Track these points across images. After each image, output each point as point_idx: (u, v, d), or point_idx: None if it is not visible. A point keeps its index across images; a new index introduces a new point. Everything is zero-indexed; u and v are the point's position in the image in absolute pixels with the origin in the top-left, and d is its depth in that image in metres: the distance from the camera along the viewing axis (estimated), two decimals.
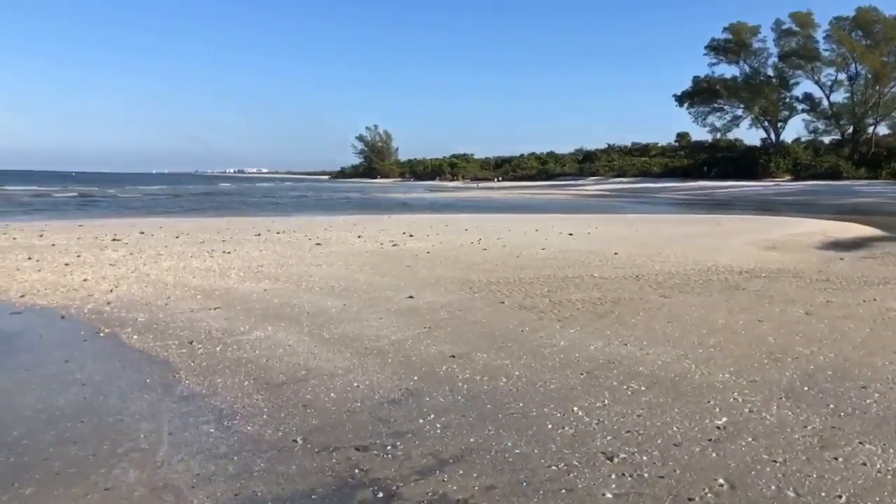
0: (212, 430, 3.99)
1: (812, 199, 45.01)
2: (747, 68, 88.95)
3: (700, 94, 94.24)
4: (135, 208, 33.21)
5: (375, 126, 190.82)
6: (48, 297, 7.96)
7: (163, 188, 70.69)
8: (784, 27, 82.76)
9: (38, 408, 4.35)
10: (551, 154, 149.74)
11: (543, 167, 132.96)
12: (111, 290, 8.41)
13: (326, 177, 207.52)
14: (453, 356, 5.58)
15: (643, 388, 4.75)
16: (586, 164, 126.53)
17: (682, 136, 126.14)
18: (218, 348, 5.82)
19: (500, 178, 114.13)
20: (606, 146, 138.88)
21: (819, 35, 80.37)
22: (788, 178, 78.75)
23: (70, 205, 35.59)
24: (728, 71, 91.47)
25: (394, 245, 13.63)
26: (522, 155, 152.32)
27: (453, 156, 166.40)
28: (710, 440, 3.85)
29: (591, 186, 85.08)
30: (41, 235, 14.86)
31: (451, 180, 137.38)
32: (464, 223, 20.34)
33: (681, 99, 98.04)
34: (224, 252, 12.25)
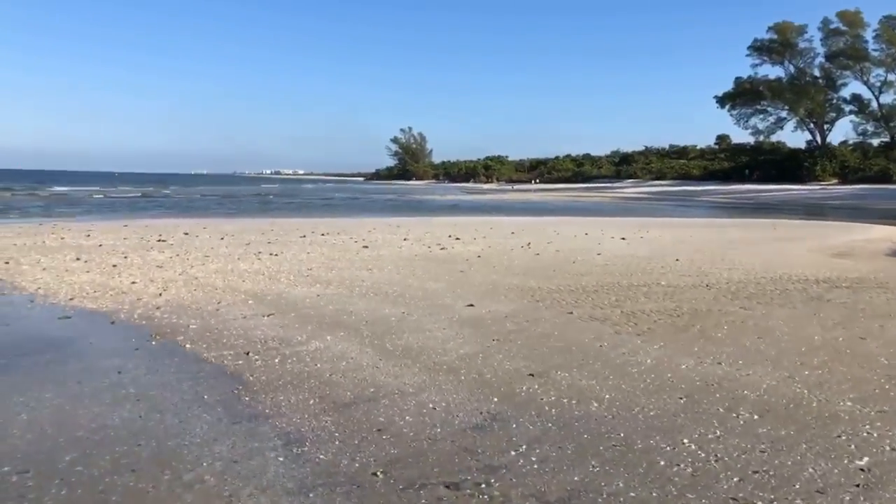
0: (281, 459, 3.58)
1: (861, 203, 43.30)
2: (792, 69, 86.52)
3: (742, 96, 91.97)
4: (179, 209, 33.47)
5: (410, 128, 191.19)
6: (97, 301, 7.70)
7: (208, 188, 71.57)
8: (832, 26, 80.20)
9: (91, 427, 3.99)
10: (587, 156, 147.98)
11: (579, 169, 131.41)
12: (160, 294, 8.13)
13: (361, 178, 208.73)
14: (532, 374, 5.09)
15: (756, 417, 4.20)
16: (623, 166, 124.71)
17: (721, 139, 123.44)
18: (276, 360, 5.43)
19: (538, 181, 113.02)
20: (643, 148, 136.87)
21: (868, 34, 77.75)
22: (835, 181, 76.19)
23: (115, 205, 36.08)
24: (772, 72, 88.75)
25: (442, 249, 13.19)
26: (557, 157, 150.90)
27: (487, 158, 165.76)
28: (857, 486, 3.29)
29: (630, 189, 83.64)
30: (88, 235, 14.81)
31: (486, 182, 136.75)
32: (509, 226, 19.82)
33: (722, 100, 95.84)
34: (271, 254, 11.96)
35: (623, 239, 15.81)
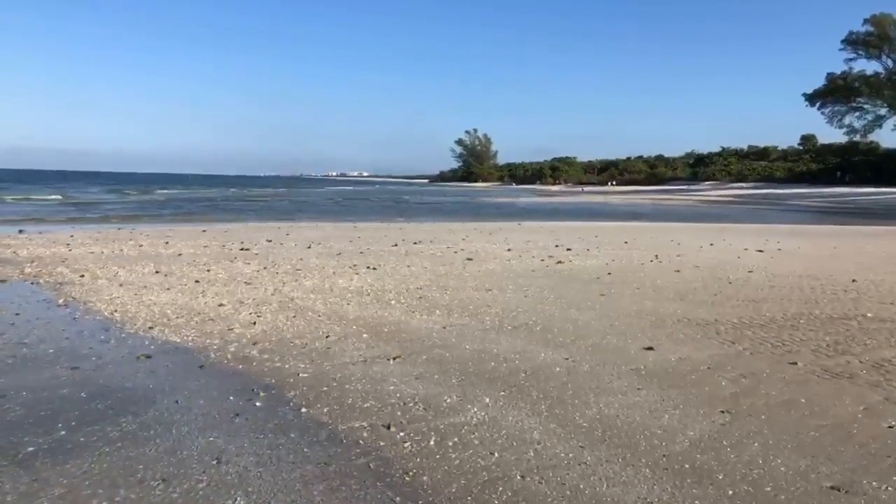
0: None
1: None
2: (891, 63, 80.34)
3: (835, 93, 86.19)
4: (256, 212, 32.88)
5: (475, 130, 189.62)
6: (181, 331, 6.30)
7: (280, 191, 72.02)
8: None
9: None
10: (660, 157, 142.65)
11: (652, 171, 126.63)
12: (254, 322, 6.68)
13: (425, 180, 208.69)
14: (834, 487, 3.28)
15: None
16: (699, 168, 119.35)
17: (806, 139, 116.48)
18: (431, 441, 3.81)
19: (614, 183, 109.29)
20: (720, 149, 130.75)
21: None
22: None
23: (191, 208, 35.87)
24: (867, 66, 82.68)
25: (559, 263, 11.40)
26: (629, 158, 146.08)
27: (555, 159, 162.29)
28: None
29: (710, 192, 79.44)
30: (167, 243, 13.75)
31: (553, 184, 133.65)
32: (614, 233, 17.83)
33: (812, 98, 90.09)
34: (368, 268, 10.46)
35: (760, 251, 13.64)
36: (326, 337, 6.15)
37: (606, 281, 9.52)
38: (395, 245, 13.87)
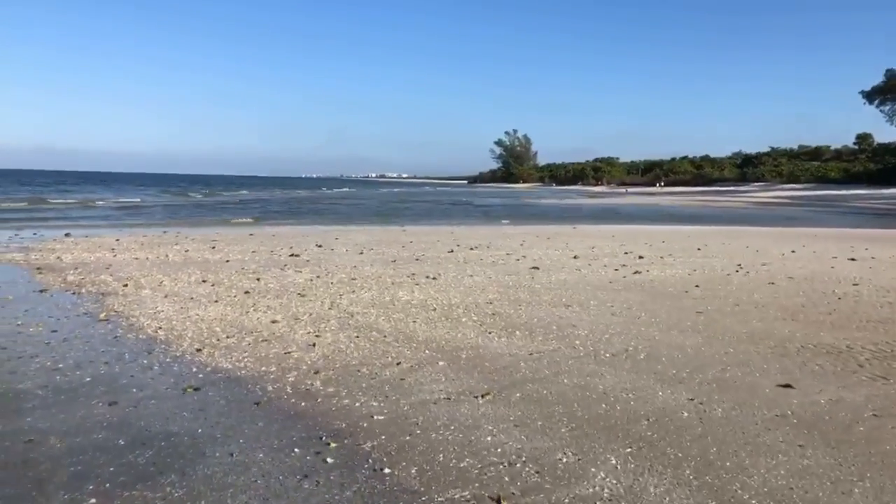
0: None
1: None
2: None
3: None
4: (302, 214, 32.50)
5: (515, 130, 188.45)
6: (232, 355, 5.54)
7: (322, 193, 72.16)
8: None
9: None
10: (706, 158, 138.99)
11: (699, 172, 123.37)
12: (313, 344, 5.88)
13: (464, 181, 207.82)
14: None
15: None
16: (748, 168, 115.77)
17: (862, 138, 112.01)
18: None
19: (662, 184, 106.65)
20: (769, 149, 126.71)
21: None
22: None
23: (236, 210, 35.75)
24: None
25: (635, 273, 10.38)
26: (673, 158, 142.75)
27: (597, 159, 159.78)
28: None
29: (762, 193, 76.65)
30: (213, 248, 13.16)
31: (595, 185, 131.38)
32: (682, 239, 16.65)
33: (870, 95, 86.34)
34: (428, 277, 9.62)
35: (852, 260, 12.37)
36: (397, 364, 5.31)
37: (697, 295, 8.48)
38: (451, 251, 13.02)
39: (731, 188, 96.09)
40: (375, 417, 4.17)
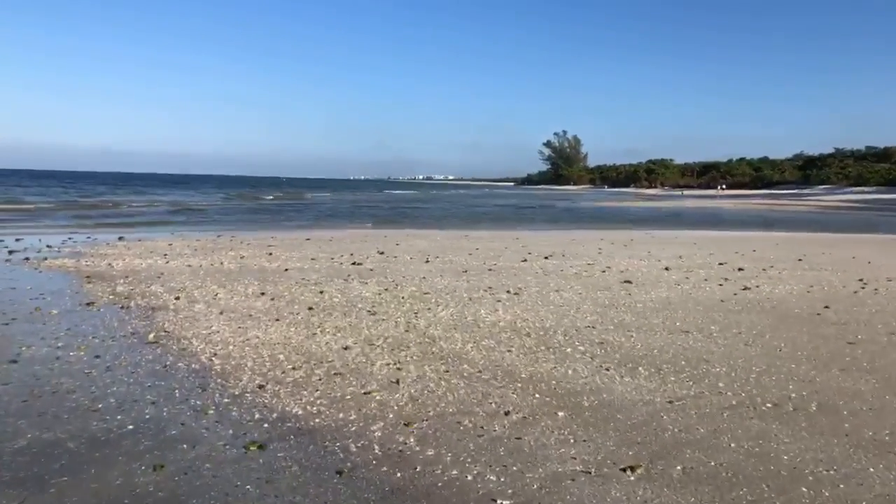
0: None
1: None
2: None
3: None
4: (358, 217, 31.88)
5: (564, 132, 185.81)
6: (301, 394, 4.56)
7: (373, 195, 72.01)
8: None
9: None
10: (765, 159, 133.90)
11: (757, 174, 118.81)
12: (396, 381, 4.87)
13: (511, 183, 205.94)
14: None
15: None
16: (811, 170, 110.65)
17: None
18: None
19: (724, 187, 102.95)
20: (833, 151, 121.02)
21: None
22: None
23: (289, 212, 35.41)
24: None
25: (744, 289, 9.07)
26: (731, 160, 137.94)
27: (650, 161, 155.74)
28: None
29: (828, 197, 72.91)
30: (270, 254, 12.36)
31: (649, 187, 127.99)
32: (773, 247, 15.11)
33: None
34: (508, 292, 8.53)
35: None
36: (506, 414, 4.23)
37: (833, 319, 7.16)
38: (525, 260, 11.89)
39: (794, 191, 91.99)
40: (499, 502, 3.10)
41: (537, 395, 4.60)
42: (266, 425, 4.02)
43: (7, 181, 75.83)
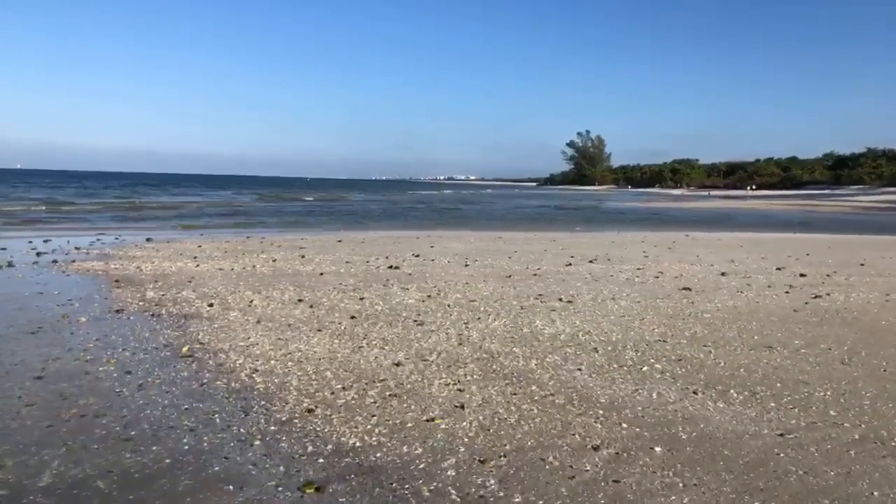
0: None
1: None
2: None
3: None
4: (387, 217, 31.47)
5: (587, 132, 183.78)
6: (357, 421, 4.04)
7: (400, 196, 71.79)
8: None
9: None
10: (793, 159, 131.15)
11: (786, 174, 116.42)
12: (460, 405, 4.32)
13: (533, 183, 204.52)
14: None
15: None
16: (842, 170, 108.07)
17: None
18: None
19: (754, 187, 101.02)
20: (865, 150, 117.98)
21: None
22: None
23: (319, 213, 35.15)
24: None
25: (815, 297, 8.40)
26: (758, 160, 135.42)
27: (675, 161, 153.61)
28: None
29: (862, 197, 71.01)
30: (303, 256, 11.90)
31: (674, 188, 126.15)
32: (826, 250, 14.32)
33: None
34: (561, 300, 7.94)
35: None
36: (594, 449, 3.66)
37: None
38: (569, 265, 11.28)
39: (825, 191, 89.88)
40: None
41: (624, 425, 4.02)
42: (321, 460, 3.50)
43: (41, 181, 76.88)
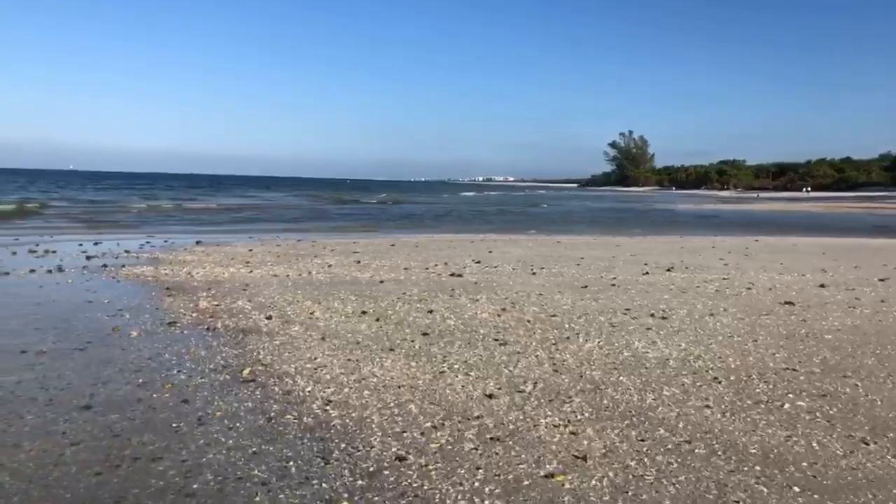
0: None
1: None
2: None
3: None
4: (429, 220, 30.91)
5: (630, 132, 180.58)
6: (460, 475, 3.32)
7: (432, 197, 71.46)
8: None
9: None
10: (847, 160, 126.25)
11: (840, 175, 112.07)
12: (582, 456, 3.56)
13: (574, 185, 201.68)
14: None
15: None
16: None
17: None
18: None
19: (809, 189, 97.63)
20: None
21: None
22: None
23: (360, 216, 34.84)
24: None
25: None
26: (809, 161, 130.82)
27: (721, 162, 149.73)
28: None
29: None
30: (358, 262, 11.29)
31: (721, 189, 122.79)
32: None
33: None
34: (653, 315, 7.10)
35: None
36: None
37: None
38: (646, 273, 10.40)
39: (883, 193, 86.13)
40: None
41: (796, 489, 3.21)
42: None
43: (96, 183, 78.78)
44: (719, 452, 3.63)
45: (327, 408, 4.26)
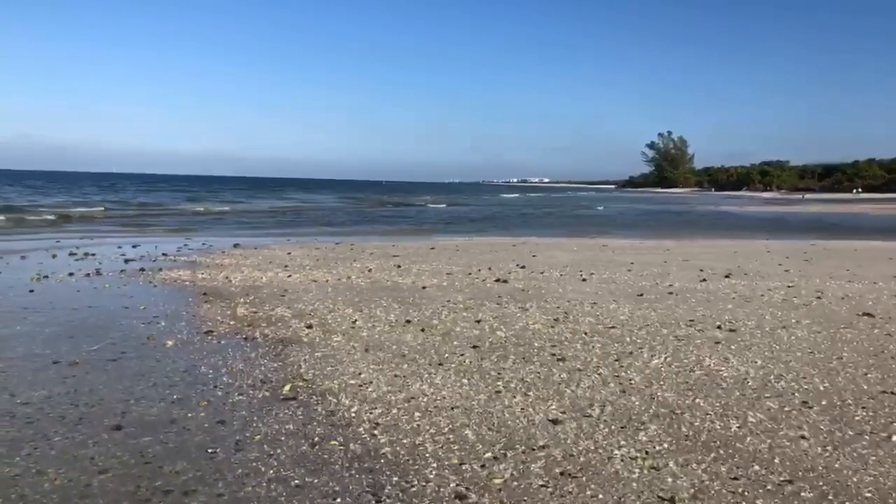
0: None
1: None
2: None
3: None
4: (468, 222, 30.52)
5: (669, 132, 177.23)
6: None
7: (470, 199, 71.21)
8: None
9: None
10: None
11: (891, 176, 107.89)
12: (669, 498, 3.10)
13: (611, 186, 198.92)
14: None
15: None
16: None
17: None
18: None
19: (860, 190, 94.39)
20: None
21: None
22: None
23: (397, 220, 34.64)
24: None
25: None
26: (856, 161, 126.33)
27: (763, 163, 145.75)
28: None
29: None
30: (398, 266, 10.93)
31: (763, 191, 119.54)
32: None
33: None
34: (719, 327, 6.54)
35: None
36: None
37: None
38: (703, 280, 9.80)
39: None
40: None
41: None
42: None
43: (138, 185, 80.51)
44: (830, 496, 3.12)
45: (375, 432, 3.87)
